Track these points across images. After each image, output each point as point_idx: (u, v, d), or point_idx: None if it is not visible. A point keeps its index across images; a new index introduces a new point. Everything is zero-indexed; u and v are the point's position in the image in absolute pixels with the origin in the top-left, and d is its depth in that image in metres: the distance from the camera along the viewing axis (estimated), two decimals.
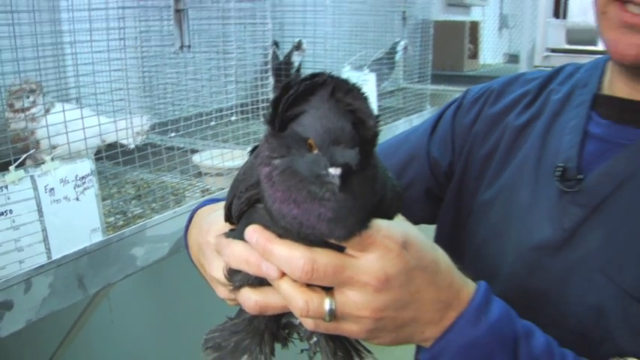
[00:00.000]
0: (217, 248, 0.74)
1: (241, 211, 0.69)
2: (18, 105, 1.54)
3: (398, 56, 2.81)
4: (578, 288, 0.85)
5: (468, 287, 0.70)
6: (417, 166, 1.11)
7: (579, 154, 0.91)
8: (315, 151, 0.57)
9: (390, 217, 0.67)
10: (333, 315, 0.64)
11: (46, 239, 1.19)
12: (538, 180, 0.94)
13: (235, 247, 0.68)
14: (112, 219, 1.54)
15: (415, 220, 0.74)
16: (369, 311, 0.64)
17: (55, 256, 1.21)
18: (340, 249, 0.63)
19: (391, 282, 0.63)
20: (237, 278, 0.71)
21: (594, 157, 0.90)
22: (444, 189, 1.09)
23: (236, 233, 0.71)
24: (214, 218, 0.82)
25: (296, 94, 0.58)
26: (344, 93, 0.58)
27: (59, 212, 1.21)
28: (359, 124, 0.57)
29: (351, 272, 0.62)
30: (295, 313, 0.66)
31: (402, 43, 2.81)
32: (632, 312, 0.79)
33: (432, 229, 1.11)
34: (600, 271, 0.83)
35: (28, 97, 1.55)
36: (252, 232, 0.65)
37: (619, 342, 0.80)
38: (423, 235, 0.69)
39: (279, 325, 0.78)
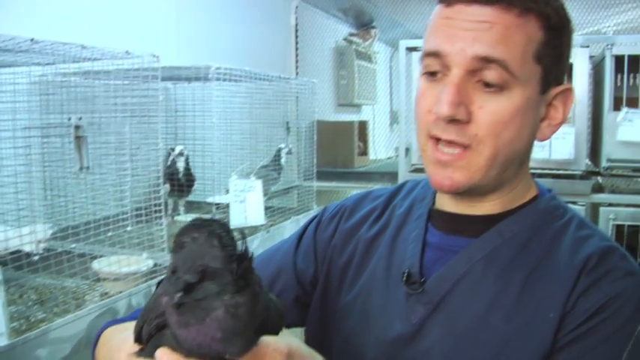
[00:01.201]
0: None
1: (150, 335, 0.78)
2: None
3: (283, 160, 3.02)
4: None
5: None
6: (285, 277, 1.20)
7: (421, 260, 1.04)
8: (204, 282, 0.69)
9: (275, 333, 0.78)
10: None
11: None
12: (388, 283, 1.06)
13: None
14: (15, 324, 1.62)
15: (287, 325, 0.85)
16: None
17: None
18: None
19: None
20: None
21: (432, 263, 1.03)
22: (311, 295, 1.19)
23: (146, 353, 0.79)
24: (124, 338, 0.87)
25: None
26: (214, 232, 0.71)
27: None
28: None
29: None
30: None
31: (285, 147, 3.03)
32: None
33: (301, 330, 1.23)
34: (445, 359, 0.95)
35: None
36: (162, 354, 0.73)
37: None
38: (303, 344, 0.82)
39: None
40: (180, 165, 2.71)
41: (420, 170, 3.14)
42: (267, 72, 2.73)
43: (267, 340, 0.75)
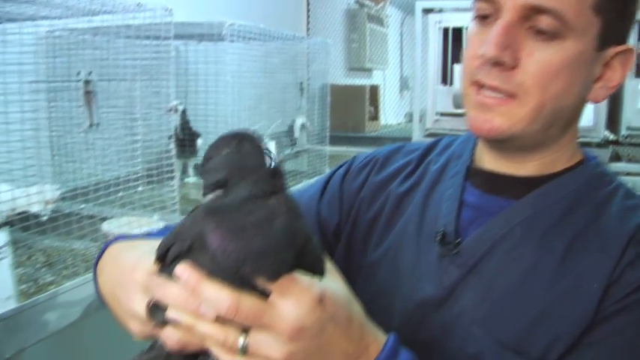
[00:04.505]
0: (148, 286, 0.76)
1: (179, 255, 0.73)
2: None
3: (296, 133, 2.97)
4: (458, 340, 0.92)
5: (378, 342, 0.77)
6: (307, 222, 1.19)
7: (456, 220, 0.98)
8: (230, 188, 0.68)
9: (312, 272, 0.73)
10: (245, 350, 0.69)
11: None
12: (420, 243, 1.01)
13: (172, 287, 0.71)
14: (23, 286, 1.59)
15: None
16: (280, 355, 0.69)
17: None
18: (264, 291, 0.68)
19: (304, 332, 0.69)
20: (161, 316, 0.73)
21: (469, 223, 0.98)
22: (332, 247, 1.14)
23: (169, 272, 0.74)
24: (139, 257, 0.82)
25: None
26: (249, 143, 0.70)
27: None
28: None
29: (269, 319, 0.68)
30: (212, 348, 0.71)
31: (299, 121, 2.98)
32: (505, 359, 0.87)
33: None
34: (477, 324, 0.90)
35: None
36: (183, 269, 0.69)
37: None
38: (344, 289, 0.76)
39: None
40: (177, 122, 2.62)
41: (435, 136, 3.08)
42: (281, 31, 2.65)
43: (300, 276, 0.70)
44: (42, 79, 1.88)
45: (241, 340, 0.70)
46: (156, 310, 0.75)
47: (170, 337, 0.74)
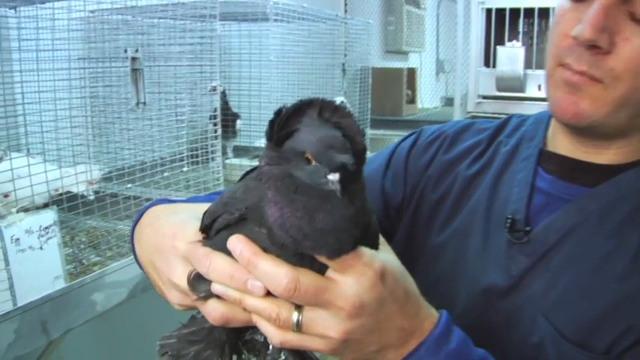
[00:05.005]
0: (190, 256, 0.72)
1: (227, 225, 0.69)
2: None
3: None
4: (523, 328, 0.90)
5: (432, 317, 0.73)
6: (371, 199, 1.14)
7: (527, 206, 0.95)
8: (313, 163, 0.60)
9: (373, 246, 0.69)
10: (299, 327, 0.66)
11: (11, 287, 1.24)
12: (488, 228, 0.98)
13: (218, 259, 0.68)
14: (69, 267, 1.57)
15: None
16: (337, 333, 0.66)
17: (20, 303, 1.26)
18: (322, 268, 0.65)
19: (364, 309, 0.66)
20: (204, 288, 0.70)
21: (540, 210, 0.94)
22: (394, 224, 1.10)
23: (215, 243, 0.70)
24: (179, 222, 0.79)
25: (288, 115, 0.63)
26: (331, 112, 0.64)
27: (24, 261, 1.26)
28: (347, 139, 0.61)
29: (329, 296, 0.65)
30: (261, 323, 0.68)
31: (339, 100, 2.93)
32: (564, 350, 0.85)
33: None
34: (542, 313, 0.88)
35: None
36: (237, 241, 0.66)
37: None
38: (399, 263, 0.72)
39: (239, 338, 0.77)
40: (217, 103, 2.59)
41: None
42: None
43: (362, 250, 0.66)
44: (89, 58, 1.85)
45: (295, 316, 0.67)
46: (198, 281, 0.71)
47: (213, 312, 0.70)
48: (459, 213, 1.04)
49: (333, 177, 0.59)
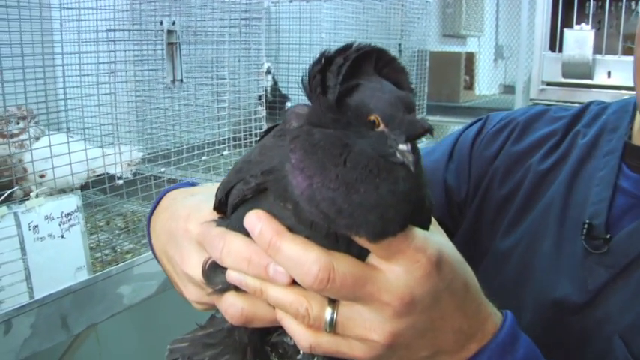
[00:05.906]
0: (202, 239, 0.62)
1: (242, 199, 0.57)
2: (6, 130, 1.49)
3: None
4: (597, 349, 0.79)
5: (494, 318, 0.62)
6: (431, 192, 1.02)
7: (608, 209, 0.84)
8: (380, 128, 0.50)
9: (425, 227, 0.57)
10: (333, 327, 0.54)
11: (28, 278, 1.15)
12: (562, 232, 0.88)
13: (233, 240, 0.57)
14: (99, 254, 1.49)
15: None
16: (381, 335, 0.54)
17: (37, 296, 1.17)
18: (362, 253, 0.54)
19: (415, 305, 0.54)
20: (221, 279, 0.59)
21: (622, 214, 0.83)
22: (456, 220, 1.01)
23: (231, 223, 0.59)
24: (195, 203, 0.69)
25: (345, 64, 0.50)
26: (386, 64, 0.53)
27: (43, 250, 1.17)
28: None
29: (373, 288, 0.53)
30: (287, 322, 0.56)
31: None
32: None
33: None
34: (619, 334, 0.77)
35: (18, 124, 1.50)
36: (257, 218, 0.54)
37: None
38: (455, 249, 0.61)
39: (264, 341, 0.66)
40: (267, 84, 2.47)
41: None
42: None
43: (414, 232, 0.54)
44: (127, 32, 1.75)
45: (329, 313, 0.54)
46: (214, 271, 0.59)
47: (231, 307, 0.58)
48: (528, 213, 0.93)
49: (406, 147, 0.49)
